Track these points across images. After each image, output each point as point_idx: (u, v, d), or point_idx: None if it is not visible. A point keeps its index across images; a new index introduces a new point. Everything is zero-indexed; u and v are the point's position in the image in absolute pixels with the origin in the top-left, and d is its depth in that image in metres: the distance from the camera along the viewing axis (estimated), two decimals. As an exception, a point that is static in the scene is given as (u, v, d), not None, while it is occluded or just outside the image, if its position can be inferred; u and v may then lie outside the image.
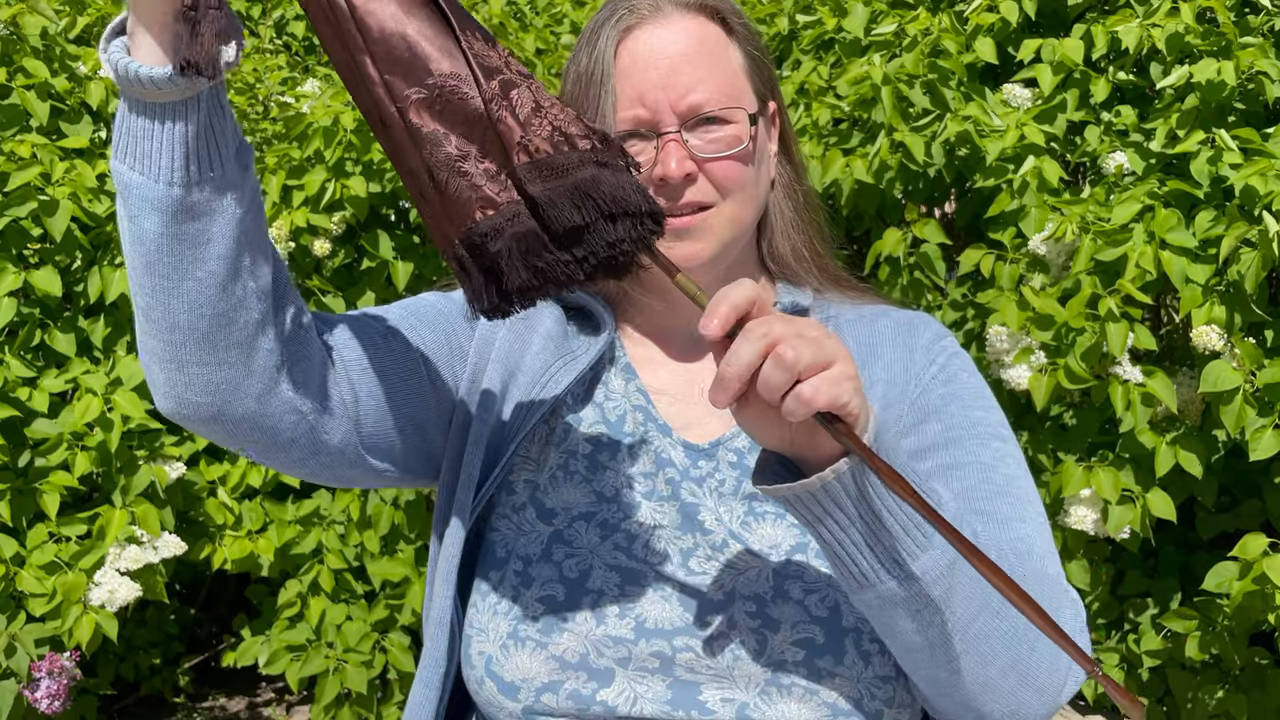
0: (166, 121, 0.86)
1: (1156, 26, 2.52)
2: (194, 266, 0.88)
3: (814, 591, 1.02)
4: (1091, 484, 2.39)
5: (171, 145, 0.86)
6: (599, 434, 1.11)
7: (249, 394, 0.93)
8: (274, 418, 0.95)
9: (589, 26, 1.10)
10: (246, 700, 3.43)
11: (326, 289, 2.98)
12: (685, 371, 1.16)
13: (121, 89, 0.87)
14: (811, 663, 0.98)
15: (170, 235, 0.88)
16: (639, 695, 0.99)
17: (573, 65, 1.10)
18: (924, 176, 2.79)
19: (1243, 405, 2.23)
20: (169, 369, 0.92)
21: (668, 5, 1.07)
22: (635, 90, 1.05)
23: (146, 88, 0.85)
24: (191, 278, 0.89)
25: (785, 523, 1.06)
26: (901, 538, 0.86)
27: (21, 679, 2.47)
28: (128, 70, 0.84)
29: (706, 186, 1.06)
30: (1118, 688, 0.77)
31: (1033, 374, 2.39)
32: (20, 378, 2.59)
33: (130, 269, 0.90)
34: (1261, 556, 2.20)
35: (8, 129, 2.73)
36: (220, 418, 0.94)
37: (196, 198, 0.87)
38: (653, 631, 1.00)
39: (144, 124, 0.86)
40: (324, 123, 2.85)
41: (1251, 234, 2.20)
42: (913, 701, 1.02)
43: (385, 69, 0.84)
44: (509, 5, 3.44)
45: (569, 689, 0.99)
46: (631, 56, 1.06)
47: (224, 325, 0.90)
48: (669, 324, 1.17)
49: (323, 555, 2.95)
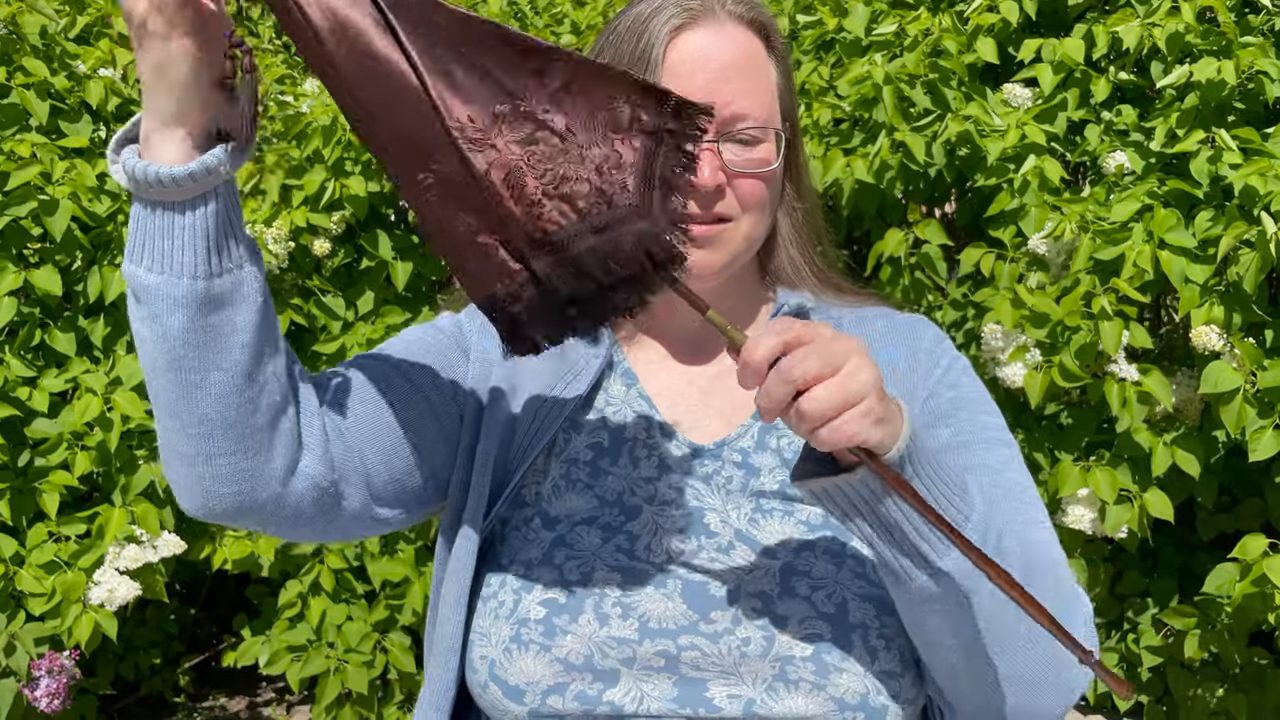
0: (187, 213, 0.87)
1: (1157, 26, 2.52)
2: (221, 357, 0.89)
3: (821, 588, 1.02)
4: (1088, 484, 2.39)
5: (194, 238, 0.87)
6: (600, 441, 1.11)
7: (273, 477, 0.94)
8: (296, 495, 0.97)
9: (630, 14, 1.08)
10: (247, 700, 3.43)
11: (326, 289, 2.98)
12: (686, 374, 1.16)
13: (137, 195, 0.87)
14: (819, 658, 0.98)
15: (196, 329, 0.88)
16: (645, 694, 0.99)
17: (609, 51, 1.08)
18: (925, 176, 2.79)
19: (1243, 405, 2.23)
20: (197, 464, 0.92)
21: (720, 11, 1.07)
22: (681, 91, 1.00)
23: (169, 187, 0.85)
24: (219, 369, 0.89)
25: (793, 520, 1.06)
26: (927, 536, 0.88)
27: (21, 678, 2.48)
28: (147, 174, 0.85)
29: (731, 200, 1.06)
30: (1108, 672, 0.82)
31: (1028, 372, 2.39)
32: (20, 377, 2.59)
33: (150, 371, 0.90)
34: (1261, 557, 2.20)
35: (7, 128, 2.74)
36: (246, 507, 0.94)
37: (220, 287, 0.88)
38: (657, 631, 1.00)
39: (163, 223, 0.87)
40: (323, 122, 2.85)
41: (1250, 234, 2.20)
42: (917, 696, 1.02)
43: (392, 154, 0.87)
44: (509, 5, 3.44)
45: (575, 690, 0.99)
46: (680, 55, 1.04)
47: (251, 411, 0.91)
48: (668, 326, 1.17)
49: (323, 555, 2.95)
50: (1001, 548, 0.91)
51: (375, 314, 2.98)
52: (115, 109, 2.97)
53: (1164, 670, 2.79)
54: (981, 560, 0.83)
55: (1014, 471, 1.06)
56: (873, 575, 1.03)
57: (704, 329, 1.14)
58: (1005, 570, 0.84)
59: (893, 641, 1.00)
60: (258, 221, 2.83)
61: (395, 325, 2.91)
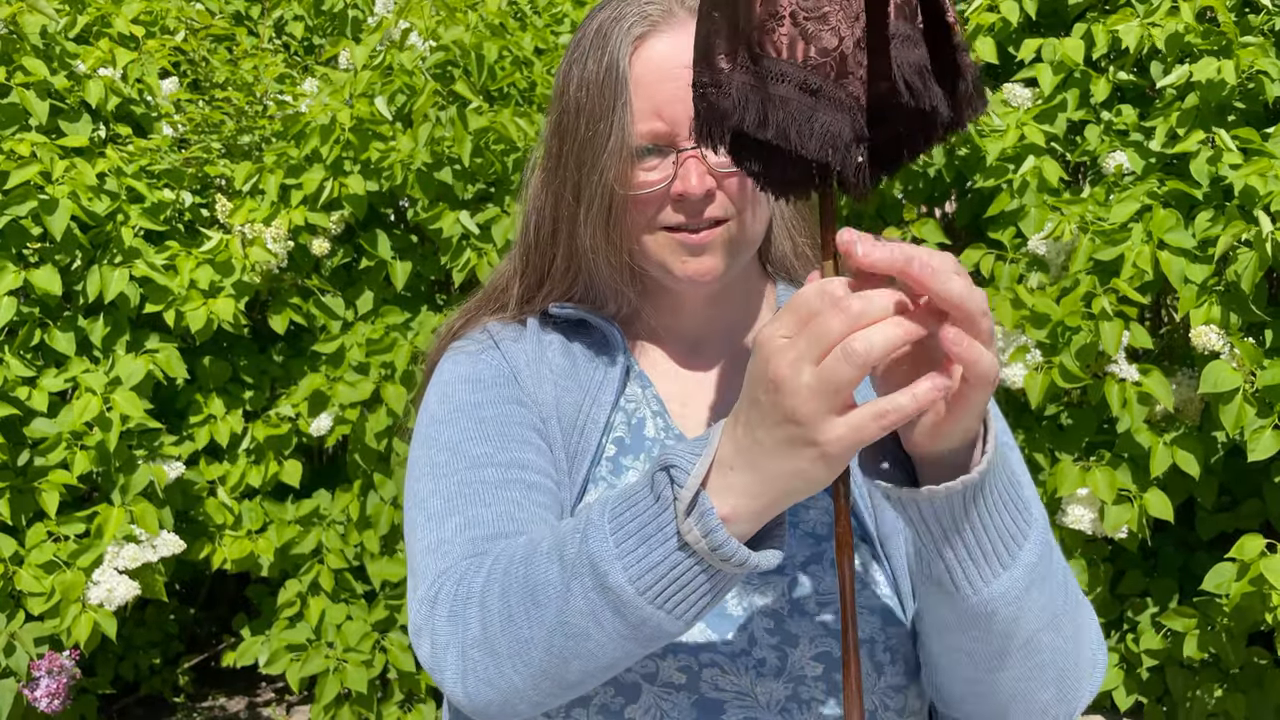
0: (727, 584, 0.80)
1: (1156, 26, 2.52)
2: (625, 661, 0.85)
3: (828, 605, 1.00)
4: (1088, 484, 2.39)
5: (714, 599, 0.80)
6: (622, 436, 1.09)
7: None
8: None
9: (593, 27, 1.05)
10: (246, 700, 3.43)
11: (325, 288, 2.98)
12: (692, 378, 1.14)
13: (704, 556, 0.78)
14: (830, 676, 0.97)
15: (629, 642, 0.83)
16: (665, 712, 0.97)
17: (576, 68, 1.05)
18: (924, 176, 2.79)
19: (1242, 405, 2.23)
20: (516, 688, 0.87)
21: (681, 11, 1.03)
22: (651, 103, 1.01)
23: (745, 568, 0.78)
24: (613, 665, 0.85)
25: (799, 533, 1.04)
26: (980, 562, 0.82)
27: (21, 678, 2.48)
28: (730, 554, 0.76)
29: (724, 201, 1.03)
30: None
31: (1028, 372, 2.39)
32: (20, 377, 2.59)
33: (564, 641, 0.83)
34: (1259, 557, 2.20)
35: (7, 128, 2.74)
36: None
37: (674, 629, 0.82)
38: (677, 647, 0.98)
39: (706, 585, 0.79)
40: (322, 121, 2.85)
41: (1248, 234, 2.20)
42: (921, 708, 1.01)
43: None
44: (509, 5, 3.44)
45: (598, 703, 0.97)
46: (646, 66, 1.01)
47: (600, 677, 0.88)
48: (672, 327, 1.16)
49: (323, 555, 2.95)
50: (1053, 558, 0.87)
51: (374, 314, 2.98)
52: (115, 109, 2.97)
53: (1163, 670, 2.79)
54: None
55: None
56: (875, 588, 1.01)
57: (705, 329, 1.12)
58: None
59: (897, 653, 0.99)
60: (257, 221, 2.83)
61: (394, 325, 2.91)
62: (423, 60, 2.98)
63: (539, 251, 1.11)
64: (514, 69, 3.06)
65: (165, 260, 2.78)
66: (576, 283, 1.10)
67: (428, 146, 2.83)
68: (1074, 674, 0.93)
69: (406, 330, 2.91)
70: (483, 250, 2.84)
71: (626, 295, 1.10)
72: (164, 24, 3.44)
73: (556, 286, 1.11)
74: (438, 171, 2.86)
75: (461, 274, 2.87)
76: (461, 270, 2.86)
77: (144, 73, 3.02)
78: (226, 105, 3.08)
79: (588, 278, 1.09)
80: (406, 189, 2.86)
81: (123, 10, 3.17)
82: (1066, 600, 0.90)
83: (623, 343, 1.11)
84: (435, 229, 2.86)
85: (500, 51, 3.03)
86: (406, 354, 2.79)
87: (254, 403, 2.99)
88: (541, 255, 1.11)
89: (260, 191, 2.90)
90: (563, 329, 1.13)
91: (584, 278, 1.09)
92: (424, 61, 2.98)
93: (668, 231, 1.03)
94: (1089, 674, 0.95)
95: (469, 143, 2.79)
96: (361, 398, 2.78)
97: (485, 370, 1.09)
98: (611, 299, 1.10)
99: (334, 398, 2.81)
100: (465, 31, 2.94)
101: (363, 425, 2.81)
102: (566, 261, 1.08)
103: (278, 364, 3.04)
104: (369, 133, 2.89)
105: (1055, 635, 0.90)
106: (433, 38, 2.99)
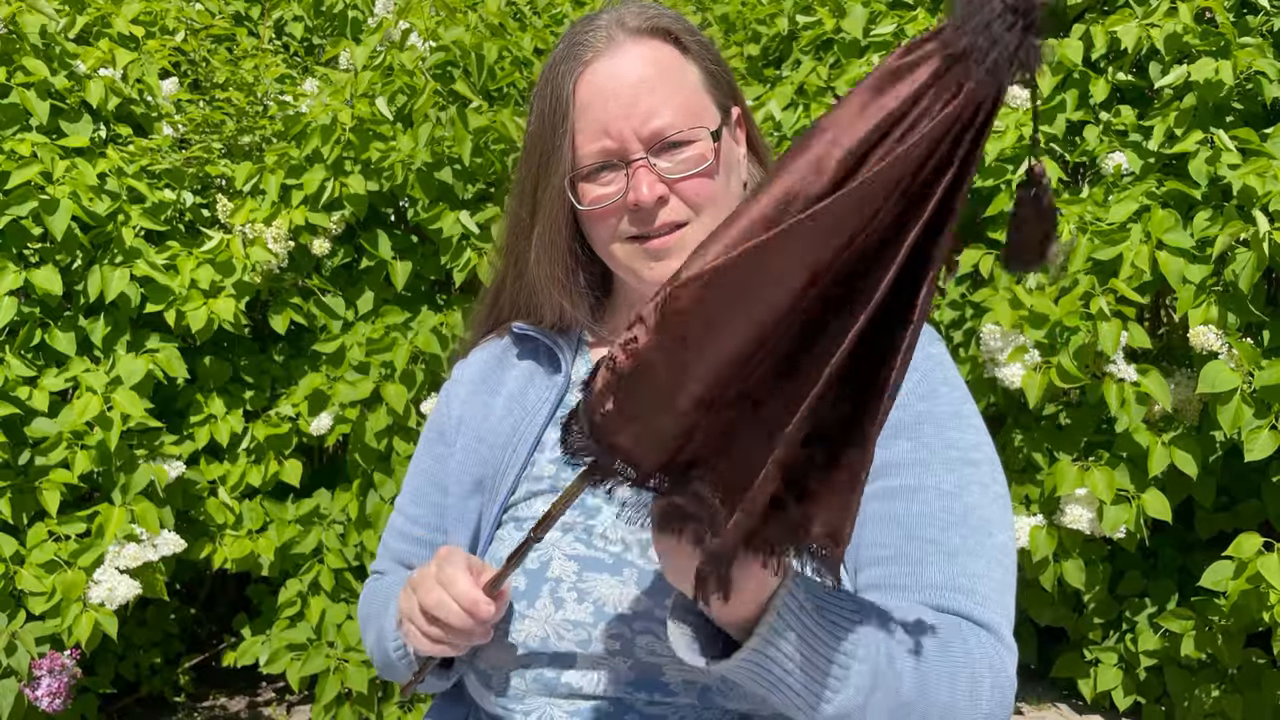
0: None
1: (1155, 26, 2.53)
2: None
3: None
4: (1086, 484, 2.39)
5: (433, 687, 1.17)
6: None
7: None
8: None
9: (548, 65, 1.12)
10: (247, 700, 3.43)
11: (326, 288, 2.99)
12: None
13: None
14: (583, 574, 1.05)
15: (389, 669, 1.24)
16: (602, 677, 1.02)
17: (536, 104, 1.12)
18: (922, 176, 2.79)
19: (1240, 405, 2.23)
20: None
21: (620, 34, 1.09)
22: (599, 123, 1.06)
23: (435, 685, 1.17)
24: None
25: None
26: (808, 695, 0.86)
27: (22, 677, 2.48)
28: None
29: (679, 205, 1.08)
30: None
31: (1026, 372, 2.39)
32: (20, 376, 2.59)
33: (373, 642, 1.26)
34: (1256, 555, 2.21)
35: (8, 128, 2.74)
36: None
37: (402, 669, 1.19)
38: (611, 615, 1.03)
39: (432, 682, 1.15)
40: (322, 121, 2.85)
41: (1247, 234, 2.21)
42: None
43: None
44: (509, 5, 3.44)
45: (534, 672, 1.04)
46: (591, 90, 1.07)
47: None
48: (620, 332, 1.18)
49: (323, 555, 2.95)
50: (895, 671, 0.88)
51: (375, 313, 2.99)
52: (115, 109, 2.98)
53: (1162, 670, 2.80)
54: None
55: (971, 495, 1.02)
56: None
57: None
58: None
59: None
60: (257, 220, 2.84)
61: (395, 325, 2.92)
62: (423, 60, 2.99)
63: (503, 272, 1.22)
64: (514, 69, 3.07)
65: (166, 260, 2.79)
66: (533, 299, 1.18)
67: (428, 146, 2.83)
68: (954, 712, 0.92)
69: (407, 330, 2.91)
70: (483, 250, 2.85)
71: (571, 313, 1.17)
72: (164, 24, 3.45)
73: (518, 303, 1.20)
74: (438, 171, 2.87)
75: (462, 274, 2.88)
76: (462, 270, 2.87)
77: (144, 73, 3.03)
78: (227, 105, 3.08)
79: (529, 295, 1.18)
80: (407, 189, 2.87)
81: (122, 10, 3.18)
82: (923, 681, 0.90)
83: (570, 356, 1.19)
84: (435, 229, 2.87)
85: (500, 52, 3.04)
86: (406, 354, 2.79)
87: (254, 402, 2.99)
88: (503, 276, 1.22)
89: (261, 191, 2.90)
90: (527, 346, 1.23)
91: (526, 294, 1.18)
92: (424, 62, 2.98)
93: (632, 241, 1.09)
94: (970, 709, 0.93)
95: (469, 142, 2.80)
96: (361, 397, 2.78)
97: (434, 417, 1.28)
98: (550, 314, 1.18)
99: (334, 397, 2.82)
100: (465, 32, 2.94)
101: (363, 425, 2.82)
102: (517, 281, 1.19)
103: (278, 364, 3.05)
104: (369, 133, 2.89)
105: (922, 701, 0.90)
106: (433, 38, 2.99)
